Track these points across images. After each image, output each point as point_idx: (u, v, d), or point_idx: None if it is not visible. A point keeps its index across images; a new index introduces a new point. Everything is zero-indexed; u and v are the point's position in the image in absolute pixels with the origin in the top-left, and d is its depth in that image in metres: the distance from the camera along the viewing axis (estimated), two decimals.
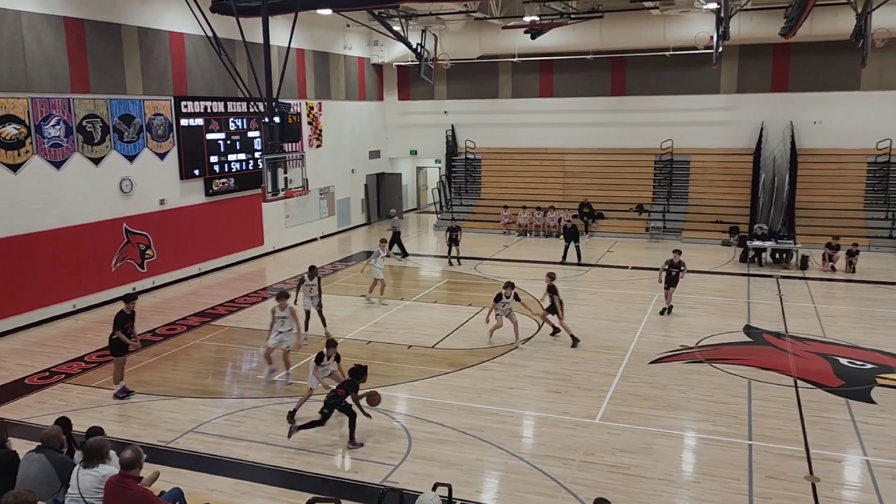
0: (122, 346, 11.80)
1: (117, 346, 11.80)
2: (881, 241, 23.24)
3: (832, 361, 13.17)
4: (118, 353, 11.85)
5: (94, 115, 17.24)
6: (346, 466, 9.60)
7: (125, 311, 11.89)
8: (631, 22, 25.23)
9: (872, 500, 8.50)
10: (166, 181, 19.54)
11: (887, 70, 25.08)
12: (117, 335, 11.71)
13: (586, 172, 28.68)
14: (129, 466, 6.05)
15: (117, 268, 18.07)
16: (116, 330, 11.74)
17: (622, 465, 9.38)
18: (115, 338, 11.73)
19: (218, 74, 20.76)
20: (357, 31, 28.33)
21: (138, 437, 10.26)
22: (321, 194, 26.75)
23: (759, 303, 17.44)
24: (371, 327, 15.70)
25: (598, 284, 19.37)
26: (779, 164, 26.01)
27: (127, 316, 11.89)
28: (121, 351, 11.84)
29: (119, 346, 11.80)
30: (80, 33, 16.82)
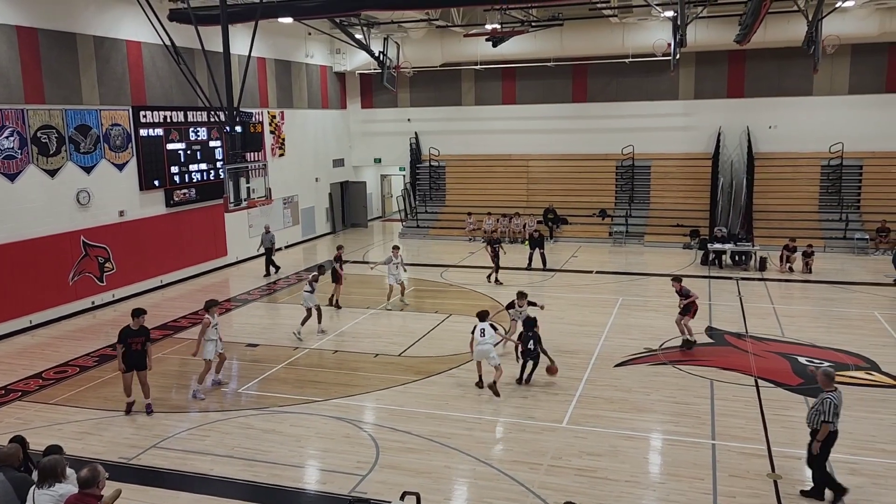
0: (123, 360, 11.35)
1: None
2: (835, 242, 23.87)
3: (791, 360, 13.47)
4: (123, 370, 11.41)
5: (50, 126, 16.88)
6: (313, 478, 9.51)
7: (131, 325, 11.46)
8: (590, 29, 25.59)
9: (832, 495, 8.68)
10: (125, 192, 19.19)
11: (838, 75, 25.84)
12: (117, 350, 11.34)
13: (550, 178, 28.95)
14: (87, 485, 5.92)
15: (75, 281, 17.67)
16: (118, 344, 11.34)
17: (589, 468, 9.46)
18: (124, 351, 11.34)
19: (177, 84, 20.49)
20: (319, 40, 28.22)
21: (99, 454, 10.03)
22: (285, 203, 26.54)
23: (720, 304, 17.76)
24: (337, 336, 15.60)
25: (563, 289, 19.53)
26: (736, 168, 26.58)
27: (133, 331, 11.41)
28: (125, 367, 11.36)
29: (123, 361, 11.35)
30: (34, 43, 16.47)
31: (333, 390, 12.40)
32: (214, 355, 12.44)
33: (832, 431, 8.34)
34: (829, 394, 8.34)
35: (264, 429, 10.92)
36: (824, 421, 8.27)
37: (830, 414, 8.24)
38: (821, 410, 8.30)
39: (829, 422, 8.25)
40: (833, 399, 8.28)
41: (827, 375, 8.51)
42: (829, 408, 8.25)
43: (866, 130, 25.57)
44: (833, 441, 8.44)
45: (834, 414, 8.25)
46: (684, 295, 14.32)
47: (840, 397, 8.40)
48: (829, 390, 8.38)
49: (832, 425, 8.29)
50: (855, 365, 13.18)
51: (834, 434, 8.39)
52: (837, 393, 8.39)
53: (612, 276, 21.05)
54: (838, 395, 8.39)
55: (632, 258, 23.77)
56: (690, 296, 14.25)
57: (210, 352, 12.35)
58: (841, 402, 8.38)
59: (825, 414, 8.25)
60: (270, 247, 21.97)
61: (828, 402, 8.27)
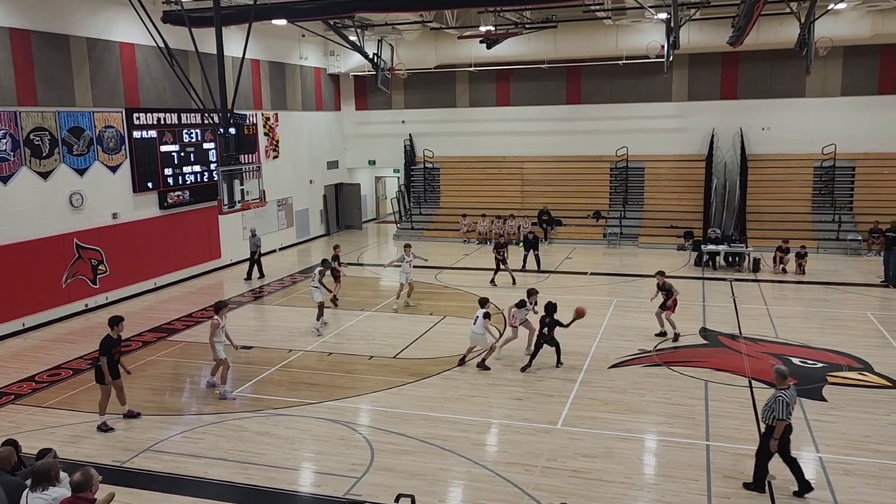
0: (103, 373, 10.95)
1: (100, 374, 10.98)
2: (828, 243, 23.96)
3: (784, 361, 13.50)
4: (101, 381, 11.02)
5: (42, 128, 16.81)
6: (308, 481, 9.49)
7: (112, 335, 11.08)
8: (584, 31, 25.65)
9: (826, 495, 8.73)
10: (119, 194, 19.13)
11: (830, 77, 25.96)
12: (101, 362, 10.88)
13: (544, 180, 28.99)
14: (80, 489, 5.90)
15: (68, 284, 17.61)
16: (102, 356, 10.89)
17: (584, 469, 9.47)
18: (99, 364, 10.94)
19: (171, 85, 20.44)
20: (313, 42, 28.21)
21: (92, 457, 9.98)
22: (279, 206, 26.50)
23: (714, 305, 17.81)
24: (332, 339, 15.58)
25: (558, 291, 19.53)
26: (730, 169, 26.67)
27: (114, 341, 11.08)
28: (104, 378, 10.97)
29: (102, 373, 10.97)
30: (27, 45, 16.41)
31: (328, 392, 12.38)
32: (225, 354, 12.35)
33: (787, 425, 8.58)
34: (781, 392, 8.57)
35: (258, 431, 10.89)
36: (778, 419, 8.49)
37: (783, 412, 8.47)
38: (773, 408, 8.55)
39: (782, 419, 8.49)
40: (785, 397, 8.51)
41: (780, 374, 8.76)
42: (782, 406, 8.49)
43: (858, 132, 25.69)
44: (789, 433, 8.67)
45: (787, 412, 8.49)
46: (666, 289, 14.87)
47: (793, 395, 8.60)
48: (783, 388, 8.60)
49: (786, 421, 8.53)
50: (848, 366, 13.23)
51: (789, 427, 8.62)
52: (790, 391, 8.60)
53: (606, 278, 21.09)
54: (791, 393, 8.59)
55: (626, 260, 23.81)
56: (672, 292, 14.81)
57: (221, 351, 12.28)
58: (794, 400, 8.60)
59: (779, 412, 8.49)
60: (256, 251, 21.63)
61: (781, 400, 8.51)
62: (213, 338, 12.25)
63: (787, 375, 8.73)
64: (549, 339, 13.22)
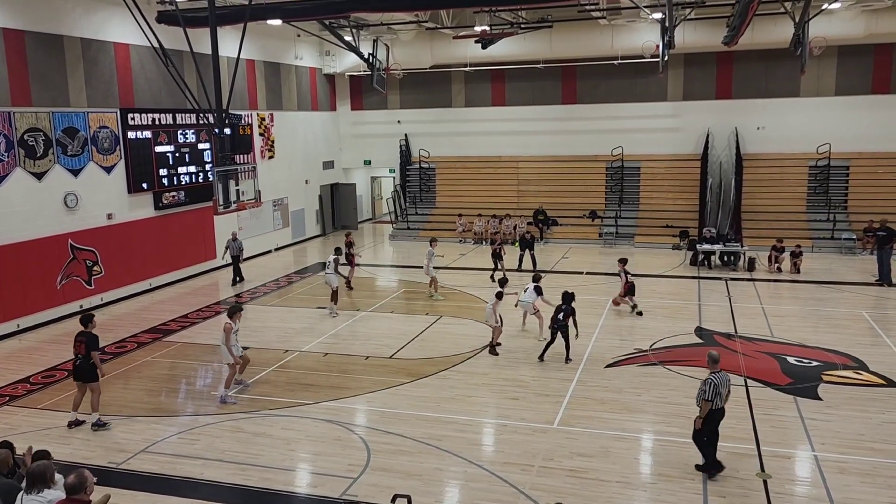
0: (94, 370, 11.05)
1: (92, 371, 11.06)
2: (823, 243, 24.03)
3: (780, 360, 13.54)
4: (94, 379, 11.11)
5: (37, 129, 16.76)
6: (304, 481, 9.48)
7: (91, 331, 11.15)
8: (580, 31, 25.67)
9: (821, 494, 8.75)
10: (113, 195, 19.08)
11: (825, 77, 26.04)
12: (94, 359, 10.99)
13: (540, 180, 29.01)
14: (75, 491, 5.88)
15: (63, 285, 17.55)
16: (95, 352, 11.01)
17: (580, 469, 9.48)
18: (92, 362, 11.00)
19: (166, 86, 20.40)
20: (308, 41, 28.17)
21: (88, 459, 9.96)
22: (275, 206, 26.47)
23: (710, 305, 17.84)
24: (328, 339, 15.57)
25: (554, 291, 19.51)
26: (725, 169, 26.72)
27: (96, 337, 11.17)
28: (94, 376, 11.09)
29: (92, 371, 11.05)
30: (21, 45, 16.35)
31: (324, 393, 12.37)
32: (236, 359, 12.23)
33: (715, 409, 9.03)
34: (711, 375, 9.05)
35: (255, 432, 10.88)
36: (704, 399, 8.96)
37: (710, 393, 8.95)
38: (702, 390, 9.02)
39: (708, 400, 8.96)
40: (713, 380, 8.99)
41: (711, 358, 9.29)
42: (709, 388, 8.96)
43: (853, 131, 25.77)
44: (719, 419, 9.12)
45: (715, 394, 8.95)
46: (625, 276, 16.80)
47: (722, 379, 9.04)
48: (714, 372, 9.08)
49: (712, 403, 8.97)
50: (843, 364, 13.27)
51: (718, 412, 9.08)
52: (720, 375, 9.07)
53: (602, 277, 21.10)
54: (721, 376, 9.05)
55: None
56: (628, 279, 16.69)
57: (232, 355, 12.12)
58: (723, 384, 9.04)
59: (705, 393, 8.96)
60: (238, 254, 21.21)
61: (709, 382, 8.99)
62: (228, 342, 12.05)
63: (717, 360, 9.23)
64: (563, 326, 13.39)
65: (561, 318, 13.43)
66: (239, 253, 21.30)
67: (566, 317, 13.44)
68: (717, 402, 8.99)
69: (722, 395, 9.02)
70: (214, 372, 13.81)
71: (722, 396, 9.02)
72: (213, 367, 14.03)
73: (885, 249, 19.65)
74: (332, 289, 17.51)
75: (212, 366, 14.10)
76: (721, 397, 9.02)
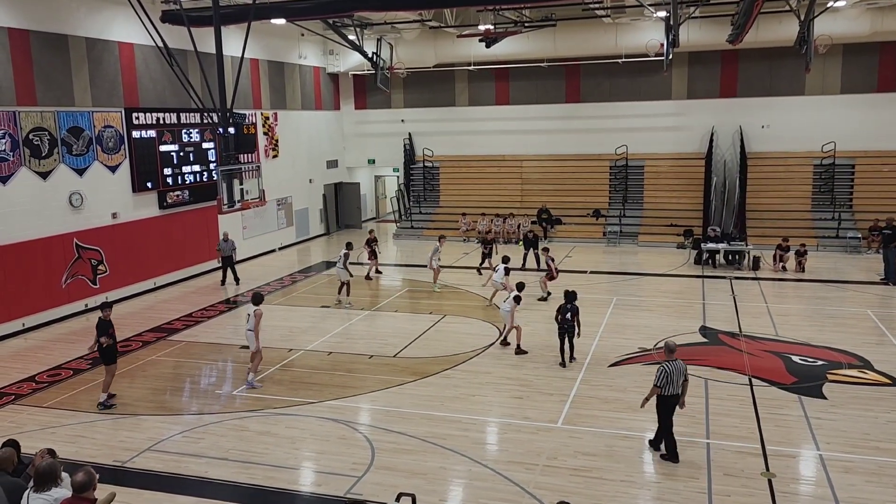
0: (112, 353, 11.90)
1: (110, 354, 11.87)
2: (828, 241, 23.96)
3: (785, 359, 13.51)
4: (110, 361, 11.89)
5: (42, 128, 16.80)
6: (308, 480, 9.50)
7: (104, 318, 11.89)
8: (584, 30, 25.63)
9: (826, 493, 8.73)
10: (118, 194, 19.12)
11: (830, 75, 25.96)
12: (105, 341, 11.74)
13: (544, 179, 28.98)
14: (82, 489, 5.89)
15: (68, 284, 17.60)
16: (104, 335, 11.76)
17: (584, 468, 9.47)
18: (106, 346, 11.76)
19: (170, 85, 20.43)
20: (312, 41, 28.19)
21: (93, 457, 9.98)
22: (279, 205, 26.50)
23: (714, 303, 17.81)
24: (332, 338, 15.58)
25: (558, 290, 19.51)
26: (729, 167, 26.67)
27: (108, 322, 11.89)
28: (112, 358, 11.91)
29: (110, 353, 11.87)
30: (25, 45, 16.40)
31: (328, 392, 12.38)
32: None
33: (668, 396, 9.48)
34: (665, 363, 9.53)
35: (259, 431, 10.90)
36: (654, 385, 9.50)
37: (661, 380, 9.43)
38: (656, 375, 9.51)
39: (657, 386, 9.47)
40: (665, 367, 9.45)
41: (667, 347, 9.77)
42: (660, 374, 9.46)
43: (858, 130, 25.69)
44: (672, 405, 9.56)
45: (666, 381, 9.43)
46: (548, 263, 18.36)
47: (675, 367, 9.45)
48: (668, 360, 9.54)
49: (662, 390, 9.45)
50: (848, 363, 13.23)
51: (670, 398, 9.51)
52: (675, 364, 9.48)
53: (606, 277, 21.09)
54: (673, 365, 9.46)
55: (626, 258, 23.81)
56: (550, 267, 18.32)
57: (257, 343, 12.62)
58: (677, 372, 9.45)
59: (658, 379, 9.47)
60: (230, 255, 21.03)
61: (660, 369, 9.48)
62: (258, 329, 12.54)
63: (673, 350, 9.69)
64: (571, 327, 13.40)
65: (569, 318, 13.39)
66: (231, 253, 21.15)
67: (573, 316, 13.41)
68: (668, 389, 9.45)
69: (674, 382, 9.45)
70: (219, 371, 13.84)
71: (674, 384, 9.45)
72: (218, 365, 14.07)
73: (891, 248, 19.59)
74: (341, 282, 18.27)
75: (216, 364, 14.14)
76: (673, 385, 9.45)
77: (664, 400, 9.51)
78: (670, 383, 9.44)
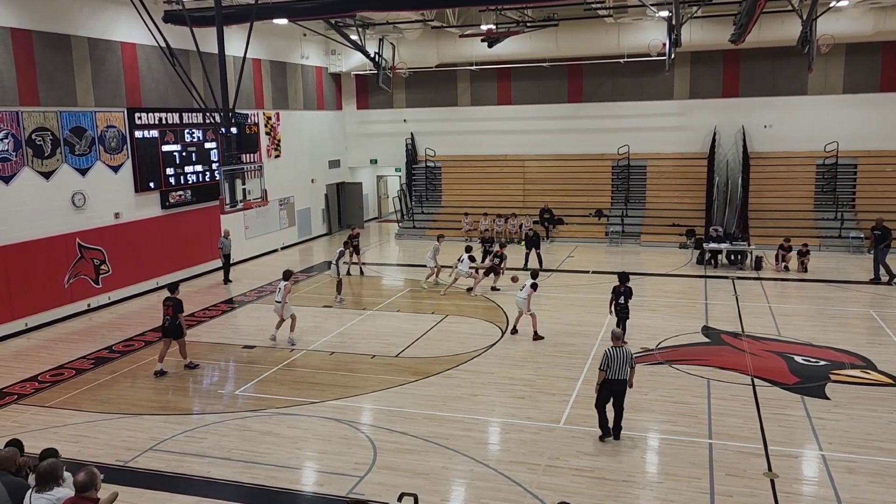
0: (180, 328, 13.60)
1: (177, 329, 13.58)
2: (831, 241, 23.92)
3: (787, 359, 13.50)
4: (178, 335, 13.61)
5: (44, 128, 16.83)
6: (310, 480, 9.50)
7: (177, 296, 13.64)
8: (586, 30, 25.62)
9: (829, 493, 8.72)
10: (121, 194, 19.15)
11: (832, 75, 25.92)
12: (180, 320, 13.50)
13: (546, 178, 28.96)
14: (84, 489, 5.90)
15: (70, 284, 17.62)
16: (179, 314, 13.46)
17: (586, 468, 9.47)
18: (178, 322, 13.49)
19: (173, 85, 20.45)
20: (314, 41, 28.20)
21: (96, 457, 9.99)
22: (281, 205, 26.51)
23: (716, 304, 17.79)
24: (334, 338, 15.59)
25: (560, 289, 19.55)
26: (732, 167, 26.63)
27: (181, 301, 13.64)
28: (179, 332, 13.60)
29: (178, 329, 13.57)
30: (28, 45, 16.42)
31: (330, 392, 12.39)
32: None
33: (610, 380, 9.94)
34: (609, 349, 10.01)
35: (261, 431, 10.90)
36: (599, 368, 10.07)
37: (602, 363, 9.97)
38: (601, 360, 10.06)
39: (601, 370, 9.98)
40: (608, 352, 9.95)
41: (613, 335, 10.26)
42: (603, 357, 10.00)
43: (861, 129, 25.65)
44: (612, 388, 9.99)
45: (606, 364, 9.92)
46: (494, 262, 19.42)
47: (619, 353, 9.89)
48: (613, 347, 10.01)
49: (605, 374, 9.94)
50: (851, 363, 13.21)
51: (612, 382, 9.95)
52: (619, 350, 9.94)
53: (608, 276, 20.98)
54: (618, 351, 9.92)
55: (628, 258, 23.80)
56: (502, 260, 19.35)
57: (290, 309, 15.18)
58: (617, 357, 9.88)
59: (601, 363, 10.02)
60: (229, 253, 21.27)
61: (604, 354, 10.01)
62: (286, 299, 14.95)
63: (619, 337, 10.16)
64: (626, 311, 14.22)
65: (623, 302, 14.16)
66: (230, 252, 21.33)
67: (626, 299, 14.13)
68: (609, 373, 9.92)
69: (613, 367, 9.88)
70: (221, 370, 13.85)
71: (613, 370, 9.89)
72: (220, 365, 14.08)
73: (881, 248, 19.53)
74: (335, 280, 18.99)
75: (219, 364, 14.15)
76: (612, 370, 9.89)
77: (607, 383, 9.99)
78: (609, 368, 9.92)
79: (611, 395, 10.06)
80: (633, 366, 10.12)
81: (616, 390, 10.04)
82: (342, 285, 19.03)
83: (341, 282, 19.01)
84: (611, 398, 10.09)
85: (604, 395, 10.09)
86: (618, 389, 10.03)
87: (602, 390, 10.08)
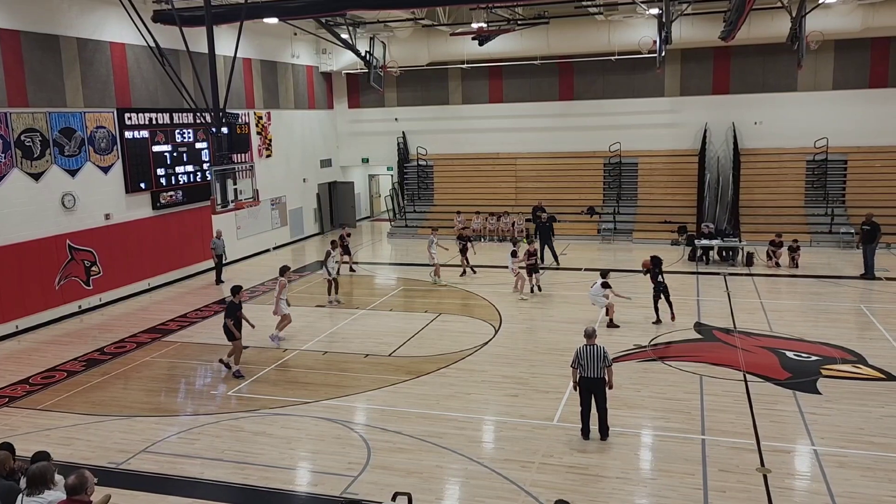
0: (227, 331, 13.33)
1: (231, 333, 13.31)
2: (821, 237, 24.04)
3: (779, 355, 13.55)
4: (232, 338, 13.35)
5: (33, 129, 16.72)
6: (304, 480, 9.49)
7: (234, 301, 13.40)
8: (576, 27, 25.64)
9: (821, 488, 8.76)
10: (111, 195, 19.05)
11: (822, 71, 26.03)
12: (227, 324, 13.21)
13: (538, 176, 28.99)
14: (75, 491, 5.87)
15: (61, 286, 17.53)
16: (228, 318, 13.22)
17: (580, 465, 9.49)
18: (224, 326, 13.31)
19: (163, 85, 20.36)
20: (305, 40, 28.13)
21: (88, 459, 9.95)
22: (273, 205, 26.45)
23: (708, 300, 17.85)
24: (327, 337, 15.57)
25: (553, 287, 19.57)
26: (723, 164, 26.72)
27: (237, 305, 13.35)
28: (234, 336, 13.31)
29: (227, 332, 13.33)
30: (16, 45, 16.31)
31: (323, 391, 12.37)
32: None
33: (584, 377, 10.04)
34: (580, 346, 10.15)
35: (254, 431, 10.88)
36: (570, 365, 10.26)
37: (573, 360, 10.15)
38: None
39: (572, 366, 10.18)
40: (578, 349, 10.11)
41: (585, 332, 10.32)
42: (573, 355, 10.17)
43: (850, 125, 25.78)
44: (584, 386, 10.09)
45: (577, 362, 10.08)
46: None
47: (589, 351, 9.98)
48: (585, 345, 10.13)
49: (576, 371, 10.10)
50: (842, 358, 13.28)
51: (585, 380, 10.04)
52: (589, 348, 10.03)
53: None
54: (588, 349, 10.01)
55: (620, 255, 23.85)
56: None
57: (285, 307, 15.15)
58: (586, 355, 9.98)
59: (572, 360, 10.21)
60: (222, 253, 21.28)
61: (575, 351, 10.17)
62: (280, 296, 14.94)
63: (590, 335, 10.21)
64: (664, 287, 15.46)
65: (661, 281, 15.42)
66: (223, 252, 21.32)
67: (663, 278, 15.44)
68: (582, 371, 10.03)
69: (585, 365, 9.97)
70: (214, 371, 13.80)
71: (585, 367, 9.97)
72: (213, 366, 14.03)
73: (870, 245, 19.60)
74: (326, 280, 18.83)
75: (211, 365, 14.10)
76: (584, 368, 9.99)
77: (583, 381, 10.08)
78: (581, 366, 10.01)
79: (589, 393, 10.08)
80: (608, 364, 10.05)
81: (593, 389, 10.03)
82: (337, 285, 18.70)
83: (335, 281, 18.61)
84: (590, 397, 10.09)
85: (583, 394, 10.13)
86: (595, 388, 10.01)
87: (580, 389, 10.13)
